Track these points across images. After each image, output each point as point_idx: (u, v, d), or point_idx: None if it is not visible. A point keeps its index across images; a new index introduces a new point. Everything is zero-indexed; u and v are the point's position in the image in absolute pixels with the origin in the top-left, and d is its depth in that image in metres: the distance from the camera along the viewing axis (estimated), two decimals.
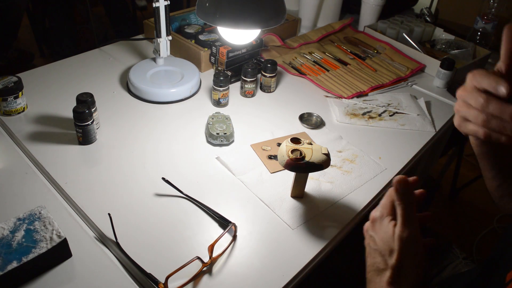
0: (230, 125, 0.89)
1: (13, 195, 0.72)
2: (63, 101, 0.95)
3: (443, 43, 1.36)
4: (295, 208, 0.75)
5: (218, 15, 0.76)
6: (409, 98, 1.08)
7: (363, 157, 0.88)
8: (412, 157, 0.90)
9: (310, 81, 1.13)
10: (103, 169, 0.79)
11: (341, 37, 1.37)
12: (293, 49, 1.27)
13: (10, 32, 2.28)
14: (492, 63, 1.34)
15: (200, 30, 1.19)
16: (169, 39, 0.99)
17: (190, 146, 0.87)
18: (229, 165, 0.82)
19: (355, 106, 1.04)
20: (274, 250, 0.67)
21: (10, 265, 0.56)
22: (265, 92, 1.07)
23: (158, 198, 0.74)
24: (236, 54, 1.08)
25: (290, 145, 0.70)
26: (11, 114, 0.90)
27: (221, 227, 0.70)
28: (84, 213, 0.70)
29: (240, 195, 0.77)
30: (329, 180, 0.82)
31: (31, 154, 0.81)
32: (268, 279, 0.63)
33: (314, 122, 0.98)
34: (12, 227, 0.62)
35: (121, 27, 2.55)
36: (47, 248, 0.59)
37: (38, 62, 2.46)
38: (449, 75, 1.14)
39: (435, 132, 0.99)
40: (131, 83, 1.00)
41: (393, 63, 1.22)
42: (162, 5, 0.94)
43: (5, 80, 0.88)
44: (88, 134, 0.83)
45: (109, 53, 1.17)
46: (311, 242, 0.69)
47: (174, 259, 0.63)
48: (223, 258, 0.65)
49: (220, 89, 0.97)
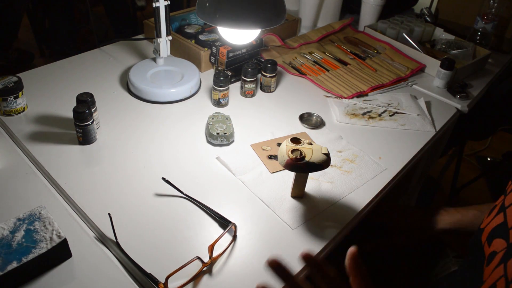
0: (230, 125, 0.89)
1: (13, 195, 0.72)
2: (63, 101, 0.95)
3: (443, 43, 1.36)
4: (295, 208, 0.75)
5: (218, 15, 0.76)
6: (409, 98, 1.08)
7: (363, 157, 0.88)
8: (412, 157, 0.90)
9: (310, 81, 1.13)
10: (103, 169, 0.79)
11: (341, 37, 1.37)
12: (293, 49, 1.27)
13: (10, 32, 2.28)
14: (492, 63, 1.35)
15: (200, 30, 1.19)
16: (169, 39, 0.99)
17: (190, 146, 0.87)
18: (229, 165, 0.82)
19: (355, 106, 1.04)
20: (274, 250, 0.67)
21: (10, 265, 0.56)
22: (265, 92, 1.07)
23: (158, 198, 0.74)
24: (236, 54, 1.08)
25: (290, 145, 0.70)
26: (11, 114, 0.90)
27: (221, 227, 0.70)
28: (84, 213, 0.70)
29: (240, 195, 0.77)
30: (329, 180, 0.82)
31: (31, 154, 0.81)
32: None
33: (314, 122, 0.98)
34: (12, 227, 0.62)
35: (121, 27, 2.55)
36: (47, 248, 0.59)
37: (38, 62, 2.47)
38: (449, 75, 1.14)
39: (435, 132, 0.98)
40: (131, 83, 1.00)
41: (393, 63, 1.22)
42: (162, 5, 0.94)
43: (5, 80, 0.88)
44: (88, 134, 0.83)
45: (109, 53, 1.17)
46: (311, 242, 0.69)
47: (174, 259, 0.63)
48: (223, 258, 0.65)
49: (220, 89, 0.97)
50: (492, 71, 1.30)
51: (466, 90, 1.15)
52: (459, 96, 1.12)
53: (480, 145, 2.35)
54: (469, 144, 2.27)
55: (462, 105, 1.10)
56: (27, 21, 2.46)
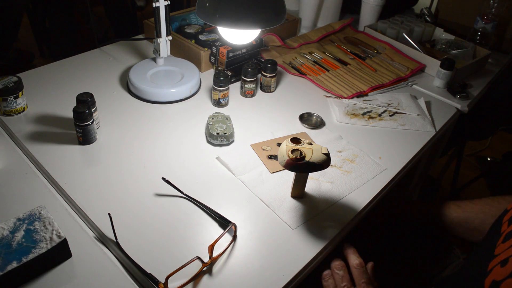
0: (230, 125, 0.89)
1: (13, 195, 0.72)
2: (63, 101, 0.95)
3: (443, 43, 1.36)
4: (295, 208, 0.75)
5: (218, 15, 0.76)
6: (409, 98, 1.08)
7: (363, 157, 0.88)
8: (412, 157, 0.90)
9: (310, 81, 1.13)
10: (103, 169, 0.79)
11: (341, 37, 1.37)
12: (293, 49, 1.27)
13: (10, 32, 2.28)
14: (492, 63, 1.35)
15: (200, 30, 1.19)
16: (169, 39, 0.99)
17: (190, 146, 0.87)
18: (229, 165, 0.82)
19: (355, 106, 1.04)
20: (274, 250, 0.67)
21: (10, 265, 0.56)
22: (265, 92, 1.07)
23: (158, 198, 0.74)
24: (236, 54, 1.08)
25: (290, 145, 0.70)
26: (11, 114, 0.90)
27: (221, 227, 0.70)
28: (84, 213, 0.70)
29: (240, 195, 0.77)
30: (329, 180, 0.82)
31: (31, 154, 0.81)
32: (268, 279, 0.63)
33: (314, 122, 0.98)
34: (12, 227, 0.62)
35: (121, 27, 2.55)
36: (47, 248, 0.59)
37: (38, 62, 2.47)
38: (449, 75, 1.14)
39: (435, 132, 0.98)
40: (131, 83, 1.00)
41: (393, 63, 1.22)
42: (162, 5, 0.94)
43: (5, 80, 0.88)
44: (88, 134, 0.83)
45: (109, 53, 1.17)
46: (311, 242, 0.69)
47: (174, 259, 0.63)
48: (223, 258, 0.65)
49: (220, 89, 0.97)
50: (492, 71, 1.30)
51: (466, 90, 1.15)
52: (459, 96, 1.12)
53: (480, 145, 2.35)
54: (469, 144, 2.27)
55: (462, 105, 1.10)
56: (27, 21, 2.46)
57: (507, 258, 0.53)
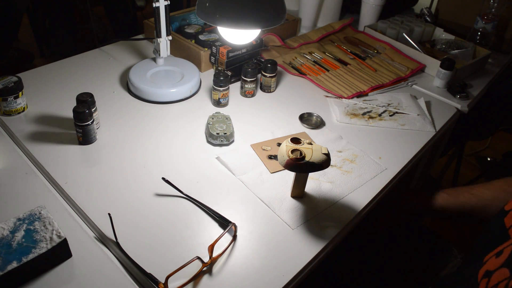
0: (230, 125, 0.89)
1: (13, 195, 0.72)
2: (63, 101, 0.95)
3: (443, 43, 1.36)
4: (295, 208, 0.75)
5: (218, 15, 0.76)
6: (409, 98, 1.08)
7: (363, 157, 0.88)
8: (412, 157, 0.90)
9: (310, 81, 1.13)
10: (103, 169, 0.79)
11: (341, 37, 1.37)
12: (293, 49, 1.27)
13: (10, 32, 2.28)
14: (492, 63, 1.35)
15: (200, 30, 1.19)
16: (169, 39, 0.99)
17: (190, 146, 0.87)
18: (229, 165, 0.82)
19: (355, 106, 1.04)
20: (274, 250, 0.67)
21: (10, 265, 0.56)
22: (265, 92, 1.07)
23: (158, 198, 0.74)
24: (236, 54, 1.08)
25: (290, 145, 0.70)
26: (11, 114, 0.90)
27: (221, 227, 0.70)
28: (84, 213, 0.70)
29: (240, 195, 0.77)
30: (329, 180, 0.82)
31: (31, 154, 0.81)
32: (268, 279, 0.63)
33: (314, 122, 0.98)
34: (12, 227, 0.62)
35: (121, 27, 2.55)
36: (47, 248, 0.59)
37: (38, 62, 2.47)
38: (449, 75, 1.14)
39: (435, 132, 0.98)
40: (131, 83, 1.00)
41: (393, 63, 1.22)
42: (162, 5, 0.94)
43: (5, 80, 0.88)
44: (88, 134, 0.83)
45: (109, 53, 1.17)
46: (311, 242, 0.69)
47: (174, 259, 0.63)
48: (223, 258, 0.65)
49: (220, 89, 0.97)
50: (492, 71, 1.30)
51: (466, 90, 1.15)
52: (459, 96, 1.12)
53: (480, 145, 2.35)
54: (469, 144, 2.27)
55: (462, 105, 1.10)
56: (27, 21, 2.46)
57: (502, 249, 0.53)
